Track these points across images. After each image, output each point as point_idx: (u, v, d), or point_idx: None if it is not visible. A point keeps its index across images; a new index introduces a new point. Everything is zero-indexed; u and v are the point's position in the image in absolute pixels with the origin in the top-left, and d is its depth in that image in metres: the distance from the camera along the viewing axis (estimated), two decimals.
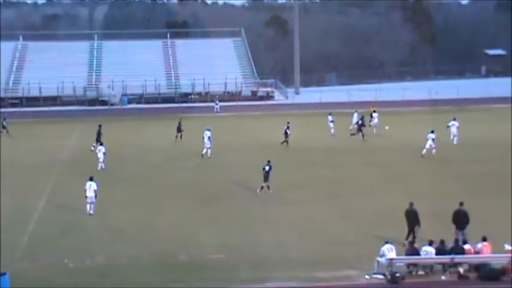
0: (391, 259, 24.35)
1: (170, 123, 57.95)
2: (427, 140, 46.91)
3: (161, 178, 41.52)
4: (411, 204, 28.38)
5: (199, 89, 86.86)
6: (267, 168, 36.72)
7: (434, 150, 46.78)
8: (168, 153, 50.05)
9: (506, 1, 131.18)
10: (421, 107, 74.89)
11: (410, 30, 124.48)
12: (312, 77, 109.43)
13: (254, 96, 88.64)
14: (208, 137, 47.61)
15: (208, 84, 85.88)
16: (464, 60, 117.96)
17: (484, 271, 24.31)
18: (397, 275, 24.06)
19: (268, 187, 36.73)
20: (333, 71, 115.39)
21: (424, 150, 46.68)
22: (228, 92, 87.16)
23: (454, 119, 52.48)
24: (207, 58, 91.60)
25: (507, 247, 25.26)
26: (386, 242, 24.94)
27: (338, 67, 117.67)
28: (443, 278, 24.38)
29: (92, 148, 48.45)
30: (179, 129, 54.71)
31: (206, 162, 46.32)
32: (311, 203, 35.17)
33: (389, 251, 24.58)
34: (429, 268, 24.88)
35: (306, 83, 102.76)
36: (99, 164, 43.37)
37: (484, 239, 25.49)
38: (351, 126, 57.66)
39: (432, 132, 47.21)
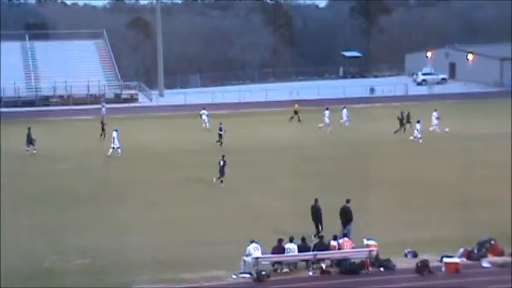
0: (257, 258, 24.93)
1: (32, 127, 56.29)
2: (415, 129, 52.72)
3: (18, 185, 40.30)
4: (316, 200, 29.11)
5: (60, 92, 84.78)
6: (221, 163, 39.28)
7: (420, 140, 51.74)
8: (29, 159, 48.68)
9: (360, 5, 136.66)
10: (284, 108, 76.63)
11: (271, 32, 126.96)
12: (176, 79, 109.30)
13: (118, 98, 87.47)
14: (113, 137, 47.90)
15: (71, 87, 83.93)
16: (323, 61, 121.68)
17: (344, 266, 25.33)
18: (263, 273, 24.67)
19: (221, 181, 39.04)
20: (197, 72, 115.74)
21: (415, 135, 52.32)
22: (91, 95, 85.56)
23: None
24: (68, 60, 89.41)
25: (366, 242, 26.49)
26: (252, 241, 25.48)
27: (202, 69, 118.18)
28: (308, 274, 25.21)
29: None
30: (29, 139, 49.69)
31: (70, 167, 45.44)
32: (178, 205, 35.34)
33: (255, 250, 25.14)
34: (293, 265, 25.67)
35: (170, 85, 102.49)
36: None
37: (345, 235, 26.62)
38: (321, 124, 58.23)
39: (418, 122, 52.79)
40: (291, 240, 25.78)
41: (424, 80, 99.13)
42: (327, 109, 58.60)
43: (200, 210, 34.43)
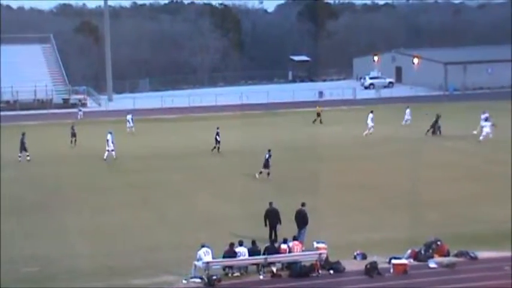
0: (208, 262, 25.00)
1: None
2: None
3: None
4: (271, 203, 29.22)
5: (7, 97, 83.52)
6: (267, 156, 41.33)
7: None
8: None
9: (307, 10, 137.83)
10: (233, 112, 76.92)
11: (220, 36, 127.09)
12: (125, 83, 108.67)
13: (66, 103, 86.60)
14: (107, 140, 48.54)
15: (17, 92, 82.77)
16: (273, 66, 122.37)
17: (294, 269, 25.55)
18: (214, 277, 24.74)
19: (268, 174, 40.93)
20: (146, 77, 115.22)
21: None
22: (38, 100, 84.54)
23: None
24: (14, 65, 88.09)
25: (316, 245, 26.78)
26: (203, 246, 25.53)
27: (151, 73, 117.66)
28: (259, 277, 25.36)
29: None
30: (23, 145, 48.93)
31: (20, 174, 44.83)
32: (127, 210, 35.17)
33: (206, 255, 25.18)
34: (244, 269, 25.80)
35: (119, 90, 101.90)
36: None
37: (295, 238, 26.86)
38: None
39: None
40: (241, 244, 25.91)
41: (371, 84, 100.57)
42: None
43: (149, 215, 34.30)
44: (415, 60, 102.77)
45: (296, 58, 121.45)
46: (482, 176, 41.40)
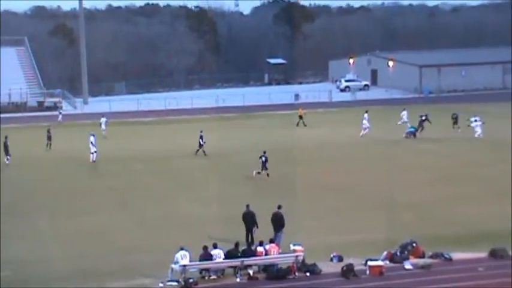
0: (184, 265, 24.95)
1: None
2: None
3: None
4: (247, 206, 29.19)
5: None
6: (263, 158, 41.93)
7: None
8: None
9: (283, 13, 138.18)
10: (210, 115, 76.88)
11: (196, 39, 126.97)
12: (101, 86, 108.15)
13: (41, 106, 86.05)
14: (91, 142, 48.98)
15: None
16: (249, 68, 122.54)
17: (271, 271, 25.59)
18: (191, 280, 24.70)
19: (267, 174, 41.65)
20: (122, 80, 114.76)
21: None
22: (13, 103, 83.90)
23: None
24: None
25: (292, 247, 26.84)
26: (181, 249, 25.47)
27: (127, 76, 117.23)
28: (236, 280, 25.36)
29: None
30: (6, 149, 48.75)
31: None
32: (103, 213, 34.99)
33: (183, 258, 25.13)
34: (221, 272, 25.78)
35: (94, 93, 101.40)
36: None
37: (271, 241, 26.90)
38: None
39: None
40: (215, 247, 25.88)
41: (347, 87, 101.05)
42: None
43: (125, 218, 34.17)
44: (391, 63, 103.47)
45: (272, 61, 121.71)
46: (456, 177, 41.74)
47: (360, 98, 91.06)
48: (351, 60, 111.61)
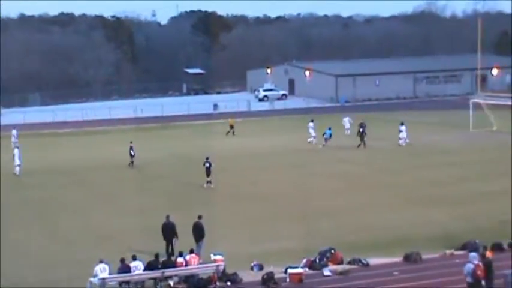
0: (103, 278, 24.74)
1: None
2: (400, 131, 56.62)
3: None
4: (167, 217, 29.00)
5: None
6: (207, 165, 41.71)
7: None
8: None
9: (201, 23, 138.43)
10: (128, 125, 76.24)
11: (113, 49, 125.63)
12: (14, 97, 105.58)
13: None
14: (13, 155, 48.83)
15: None
16: (167, 78, 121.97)
17: (192, 282, 25.66)
18: None
19: (210, 182, 41.72)
20: (37, 90, 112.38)
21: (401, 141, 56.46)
22: None
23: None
24: None
25: (213, 257, 26.97)
26: (101, 261, 25.21)
27: (42, 87, 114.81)
28: None
29: None
30: None
31: None
32: (19, 227, 34.26)
33: (102, 271, 24.89)
34: (141, 284, 25.66)
35: (7, 104, 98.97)
36: None
37: (192, 251, 26.98)
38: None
39: (402, 124, 57.02)
40: (134, 258, 25.75)
41: (265, 96, 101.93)
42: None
43: (43, 231, 33.57)
44: (307, 73, 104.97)
45: (190, 71, 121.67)
46: (371, 185, 42.76)
47: (278, 108, 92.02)
48: (269, 70, 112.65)
